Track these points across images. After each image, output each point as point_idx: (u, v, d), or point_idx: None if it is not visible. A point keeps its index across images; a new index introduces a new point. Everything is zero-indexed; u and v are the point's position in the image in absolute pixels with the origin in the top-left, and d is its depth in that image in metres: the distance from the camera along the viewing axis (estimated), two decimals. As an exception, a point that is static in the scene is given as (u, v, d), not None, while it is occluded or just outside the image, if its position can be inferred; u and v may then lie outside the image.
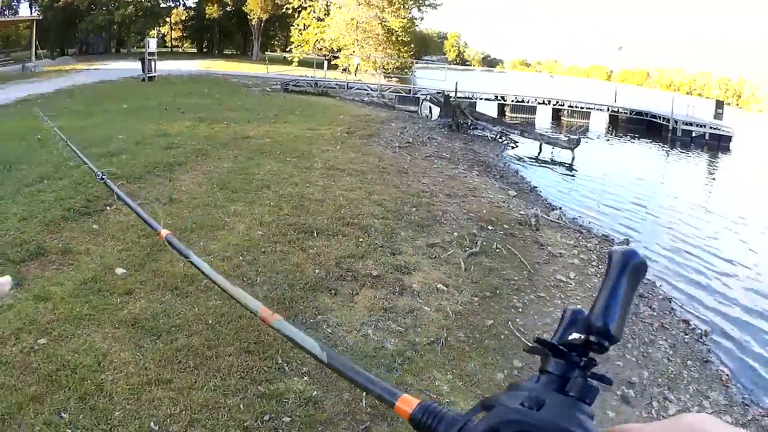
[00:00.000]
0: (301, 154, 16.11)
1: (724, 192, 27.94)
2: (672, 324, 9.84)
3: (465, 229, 11.29)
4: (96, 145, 14.66)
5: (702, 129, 44.68)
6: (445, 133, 27.66)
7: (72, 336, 5.84)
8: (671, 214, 19.88)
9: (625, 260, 0.85)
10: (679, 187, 26.59)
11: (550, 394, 0.75)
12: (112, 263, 7.60)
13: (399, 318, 7.20)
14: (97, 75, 41.39)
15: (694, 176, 32.07)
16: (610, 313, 0.81)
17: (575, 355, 0.81)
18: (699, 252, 15.78)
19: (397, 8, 67.67)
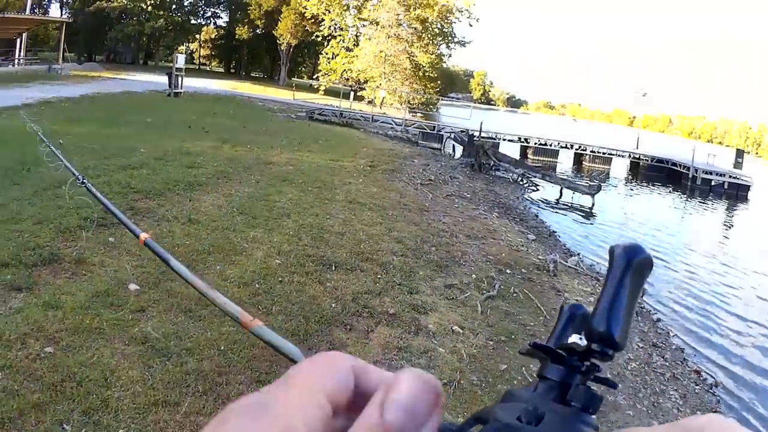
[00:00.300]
0: (323, 184, 16.10)
1: (740, 243, 27.82)
2: (684, 374, 9.80)
3: (483, 272, 11.24)
4: (117, 156, 14.70)
5: (721, 178, 44.68)
6: (467, 172, 27.62)
7: (80, 348, 5.78)
8: (687, 265, 19.77)
9: (628, 257, 0.70)
10: (696, 237, 26.47)
11: (550, 404, 0.66)
12: (126, 278, 7.54)
13: (413, 358, 7.14)
14: (123, 85, 41.82)
15: (711, 226, 31.99)
16: (614, 318, 0.69)
17: (576, 359, 0.71)
18: (713, 303, 15.75)
19: (426, 43, 68.03)
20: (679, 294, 15.93)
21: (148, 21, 77.90)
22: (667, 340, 11.55)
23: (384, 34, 65.40)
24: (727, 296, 16.68)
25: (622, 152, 49.86)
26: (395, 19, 65.38)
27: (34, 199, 10.32)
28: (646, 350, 10.04)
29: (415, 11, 65.55)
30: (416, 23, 66.36)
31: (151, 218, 10.23)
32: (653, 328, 11.81)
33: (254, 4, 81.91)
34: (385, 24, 65.44)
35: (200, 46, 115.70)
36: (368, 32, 68.98)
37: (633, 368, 8.95)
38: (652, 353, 10.00)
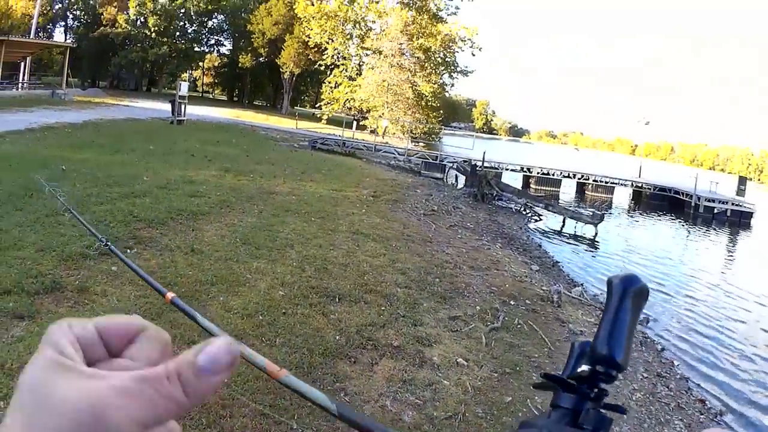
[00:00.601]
0: (326, 214, 16.10)
1: (743, 271, 27.85)
2: (688, 404, 9.80)
3: (487, 303, 11.22)
4: (120, 184, 14.72)
5: (724, 206, 44.92)
6: (470, 202, 27.67)
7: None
8: (691, 294, 19.79)
9: (625, 286, 0.82)
10: (699, 266, 26.43)
11: (564, 429, 0.74)
12: (128, 308, 7.53)
13: (418, 390, 7.12)
14: (126, 112, 42.07)
15: (714, 255, 32.08)
16: (615, 342, 0.79)
17: (585, 387, 0.79)
18: (717, 333, 15.78)
19: (429, 73, 68.33)
20: (682, 324, 15.93)
21: (152, 48, 78.52)
22: (672, 369, 11.55)
23: (387, 63, 65.68)
24: (730, 326, 16.70)
25: (625, 181, 50.06)
26: (398, 48, 65.68)
27: (37, 225, 10.33)
28: (650, 380, 10.02)
29: (418, 40, 65.87)
30: (419, 52, 66.67)
31: (154, 248, 10.22)
32: (657, 358, 11.79)
33: (258, 32, 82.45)
34: (388, 53, 65.74)
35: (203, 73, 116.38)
36: (371, 61, 69.35)
37: (638, 398, 8.93)
38: (656, 383, 9.99)
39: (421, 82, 66.52)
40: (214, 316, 7.75)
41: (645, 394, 9.25)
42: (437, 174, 40.16)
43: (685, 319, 16.51)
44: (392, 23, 67.42)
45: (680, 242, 34.49)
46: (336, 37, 70.47)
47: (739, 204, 45.84)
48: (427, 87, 66.92)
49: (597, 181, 48.72)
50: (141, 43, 79.05)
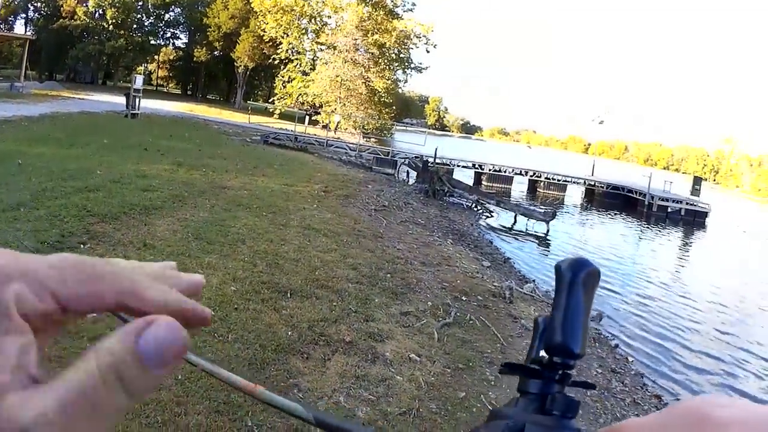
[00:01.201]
0: (277, 209, 16.01)
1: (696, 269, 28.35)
2: (644, 399, 9.91)
3: (439, 299, 11.23)
4: (74, 178, 14.49)
5: (678, 205, 45.59)
6: (421, 198, 27.70)
7: (42, 378, 5.64)
8: (644, 291, 20.10)
9: (575, 271, 0.75)
10: (652, 263, 26.82)
11: (531, 417, 0.70)
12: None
13: (371, 386, 7.10)
14: (82, 105, 41.64)
15: (667, 253, 32.52)
16: (569, 330, 0.73)
17: (549, 371, 0.74)
18: (671, 329, 16.08)
19: (383, 69, 68.36)
20: (636, 320, 16.13)
21: (109, 40, 78.05)
22: (626, 366, 11.66)
23: (341, 58, 65.67)
24: (683, 323, 16.98)
25: (578, 179, 50.56)
26: (353, 43, 65.70)
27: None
28: (605, 376, 10.10)
29: (373, 36, 65.88)
30: (374, 48, 66.71)
31: (108, 243, 10.09)
32: (611, 354, 11.90)
33: (214, 26, 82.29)
34: (342, 49, 65.69)
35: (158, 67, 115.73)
36: (325, 57, 69.22)
37: (593, 394, 8.97)
38: (611, 379, 10.08)
39: (375, 78, 66.59)
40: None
41: (600, 390, 9.31)
42: (389, 170, 40.15)
43: (638, 315, 16.71)
44: (348, 18, 67.42)
45: (633, 240, 34.86)
46: (291, 31, 70.27)
47: (693, 204, 46.60)
48: (381, 83, 67.01)
49: (549, 179, 49.12)
50: (98, 36, 78.60)
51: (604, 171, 66.82)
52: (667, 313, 17.62)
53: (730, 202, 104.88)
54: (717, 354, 14.55)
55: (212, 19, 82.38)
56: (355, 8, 67.10)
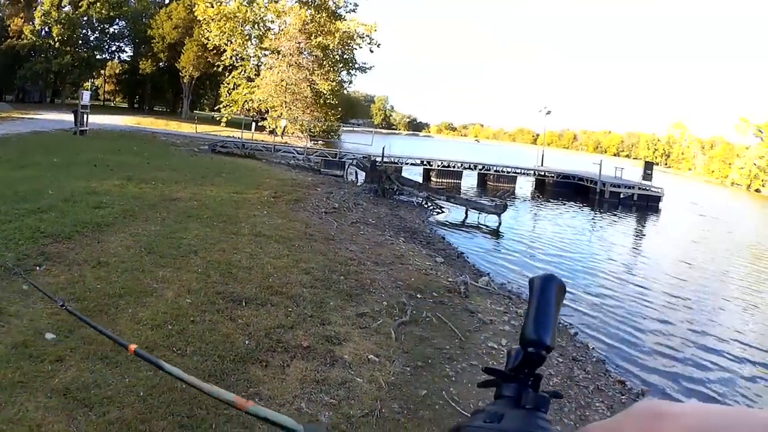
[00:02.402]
0: (228, 218, 15.97)
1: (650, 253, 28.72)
2: (608, 385, 10.02)
3: (394, 298, 11.28)
4: (26, 200, 14.32)
5: (630, 190, 46.26)
6: (370, 198, 27.79)
7: (5, 404, 5.62)
8: (599, 277, 20.31)
9: (545, 283, 0.92)
10: (606, 249, 27.18)
11: (509, 411, 0.82)
12: (42, 327, 7.36)
13: (332, 390, 7.12)
14: (32, 125, 41.30)
15: (621, 239, 32.79)
16: (541, 326, 0.88)
17: (523, 376, 0.87)
18: (629, 314, 16.27)
19: (327, 71, 68.31)
20: (594, 308, 16.32)
21: (56, 58, 77.17)
22: (587, 353, 11.80)
23: (285, 62, 65.48)
24: (641, 307, 17.21)
25: (527, 170, 50.97)
26: (296, 47, 65.55)
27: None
28: (566, 365, 10.19)
29: (317, 39, 65.83)
30: (317, 51, 66.65)
31: (62, 263, 10.01)
32: (571, 343, 12.01)
33: (158, 36, 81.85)
34: (287, 52, 65.55)
35: (105, 81, 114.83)
36: (269, 61, 69.01)
37: (555, 383, 9.08)
38: (573, 367, 10.17)
39: (319, 81, 66.46)
40: (124, 329, 7.67)
41: (562, 378, 9.41)
42: (337, 171, 40.24)
43: (596, 303, 16.87)
44: (291, 22, 67.28)
45: (586, 228, 35.16)
46: (235, 38, 69.98)
47: (646, 188, 47.26)
48: (325, 85, 66.87)
49: (498, 171, 49.48)
50: (45, 54, 77.63)
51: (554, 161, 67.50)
52: (624, 298, 17.82)
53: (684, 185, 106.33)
54: (676, 337, 14.72)
55: (156, 30, 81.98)
56: (297, 11, 66.98)
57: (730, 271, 25.16)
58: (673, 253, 28.66)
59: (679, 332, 14.97)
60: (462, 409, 7.37)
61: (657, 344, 13.80)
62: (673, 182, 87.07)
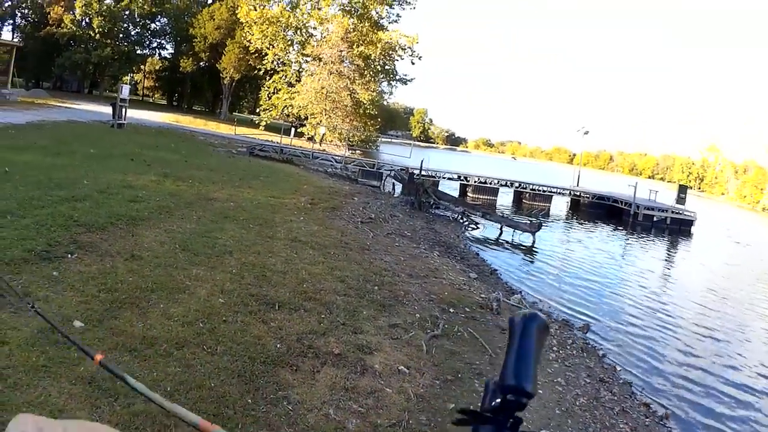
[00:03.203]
0: (264, 221, 15.99)
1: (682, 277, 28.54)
2: (633, 407, 10.01)
3: (427, 311, 11.24)
4: (60, 187, 14.41)
5: (663, 214, 45.98)
6: (407, 210, 27.76)
7: (28, 386, 5.62)
8: (630, 300, 20.26)
9: (526, 323, 0.87)
10: (638, 272, 27.00)
11: None
12: (70, 314, 7.37)
13: (360, 398, 7.09)
14: (69, 114, 41.62)
15: (653, 262, 32.61)
16: (521, 371, 0.83)
17: (501, 418, 0.83)
18: (657, 337, 16.26)
19: (368, 81, 68.32)
20: (624, 330, 16.26)
21: (95, 49, 77.48)
22: (614, 375, 11.77)
23: (326, 70, 65.56)
24: (670, 331, 17.14)
25: (563, 189, 50.87)
26: (338, 55, 65.62)
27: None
28: (593, 385, 10.13)
29: (358, 48, 65.91)
30: (359, 60, 66.71)
31: (95, 253, 10.03)
32: (599, 364, 11.96)
33: (200, 36, 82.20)
34: (328, 60, 65.62)
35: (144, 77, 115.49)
36: (311, 68, 69.17)
37: (581, 403, 9.01)
38: (599, 388, 10.12)
39: (360, 90, 66.50)
40: (154, 323, 7.66)
41: (588, 399, 9.35)
42: (374, 182, 40.27)
43: (625, 325, 16.83)
44: (333, 30, 67.40)
45: (619, 250, 35.05)
46: (277, 42, 70.25)
47: (678, 212, 47.07)
48: (366, 95, 66.93)
49: (534, 190, 49.38)
50: (85, 45, 78.03)
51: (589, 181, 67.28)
52: (654, 322, 17.72)
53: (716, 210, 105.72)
54: (704, 362, 14.64)
55: (198, 29, 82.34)
56: (340, 20, 67.10)
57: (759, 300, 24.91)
58: (702, 279, 28.48)
59: (705, 360, 14.86)
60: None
61: (683, 370, 13.72)
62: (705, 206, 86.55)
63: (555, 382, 9.55)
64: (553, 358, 10.81)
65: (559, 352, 11.23)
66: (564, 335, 12.84)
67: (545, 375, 9.72)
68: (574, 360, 11.19)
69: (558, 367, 10.33)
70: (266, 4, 71.64)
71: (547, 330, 0.89)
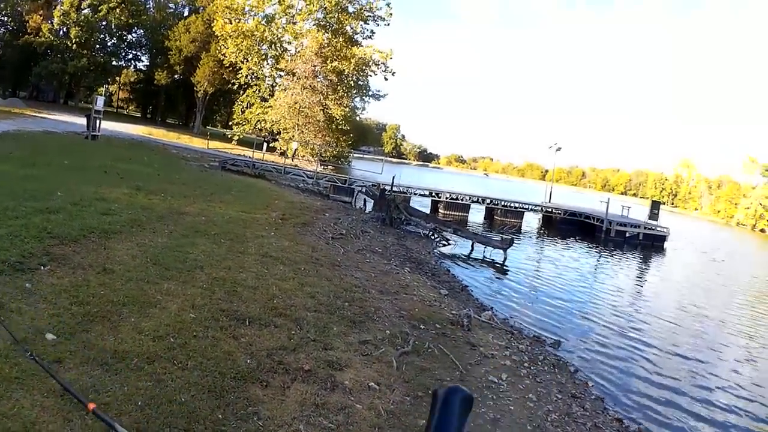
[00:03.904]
0: (235, 236, 15.98)
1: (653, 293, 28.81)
2: (605, 423, 10.03)
3: (397, 327, 11.28)
4: (35, 198, 14.39)
5: (636, 230, 46.58)
6: (378, 226, 27.81)
7: (0, 398, 5.62)
8: (601, 316, 20.33)
9: (448, 397, 0.88)
10: (609, 288, 27.17)
11: None
12: (42, 327, 7.35)
13: (331, 415, 7.10)
14: (44, 124, 41.88)
15: (625, 278, 32.86)
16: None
17: None
18: (629, 352, 16.37)
19: (341, 96, 68.55)
20: (594, 345, 16.35)
21: (72, 60, 77.32)
22: (586, 390, 11.81)
23: (300, 85, 65.67)
24: (641, 347, 17.22)
25: (534, 206, 51.18)
26: (312, 70, 65.76)
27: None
28: (565, 401, 10.17)
29: (332, 63, 66.11)
30: (332, 75, 66.94)
31: (67, 266, 10.00)
32: (571, 380, 12.01)
33: (175, 49, 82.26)
34: (302, 75, 65.74)
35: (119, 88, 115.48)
36: (284, 83, 69.31)
37: (553, 419, 9.05)
38: (571, 404, 10.16)
39: (333, 105, 66.71)
40: (125, 337, 7.64)
41: (560, 414, 9.38)
42: (346, 198, 40.46)
43: (597, 341, 16.91)
44: (307, 45, 67.59)
45: (591, 266, 35.10)
46: (251, 56, 70.55)
47: (651, 228, 47.51)
48: (338, 110, 67.13)
49: (506, 206, 49.59)
50: (62, 54, 77.94)
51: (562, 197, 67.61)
52: (626, 338, 17.81)
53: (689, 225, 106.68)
54: (676, 378, 14.72)
55: (174, 42, 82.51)
56: (315, 35, 67.33)
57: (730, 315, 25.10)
58: (674, 296, 28.63)
59: (676, 376, 14.92)
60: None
61: (655, 386, 13.78)
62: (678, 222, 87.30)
63: (526, 398, 9.59)
64: (525, 374, 10.85)
65: (530, 368, 11.27)
66: (535, 351, 12.88)
67: (516, 391, 9.77)
68: (545, 376, 11.23)
69: (529, 383, 10.37)
70: (242, 17, 71.85)
71: (471, 403, 0.89)
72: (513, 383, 10.10)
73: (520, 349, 12.49)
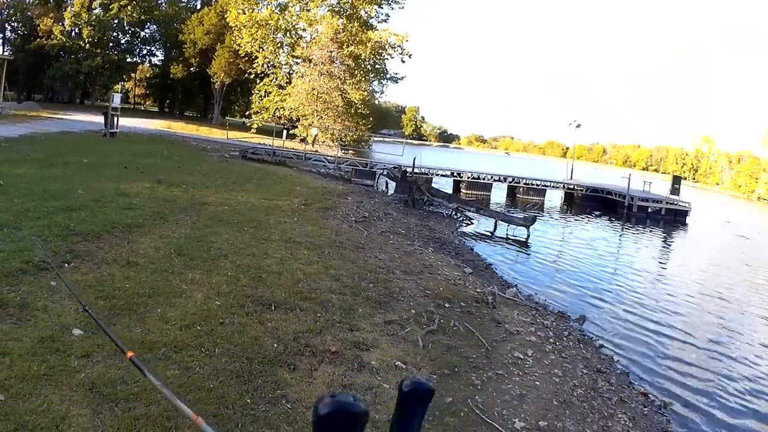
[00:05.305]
0: (258, 224, 16.02)
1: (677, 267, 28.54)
2: (631, 397, 9.97)
3: (422, 307, 11.30)
4: (55, 198, 14.48)
5: (658, 205, 45.99)
6: (400, 208, 27.78)
7: (30, 395, 5.65)
8: (626, 291, 20.21)
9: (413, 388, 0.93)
10: (633, 263, 26.99)
11: None
12: (69, 323, 7.40)
13: (358, 395, 7.04)
14: (61, 125, 41.59)
15: (649, 252, 32.75)
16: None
17: None
18: (654, 327, 16.17)
19: (359, 80, 68.31)
20: (620, 320, 16.25)
21: (86, 59, 77.21)
22: (612, 365, 11.75)
23: (316, 71, 65.56)
24: (667, 320, 17.09)
25: (556, 183, 50.81)
26: (328, 56, 65.61)
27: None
28: (590, 376, 10.13)
29: (348, 48, 65.97)
30: (349, 60, 66.77)
31: (91, 261, 10.07)
32: (596, 355, 11.94)
33: (189, 42, 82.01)
34: (318, 61, 65.61)
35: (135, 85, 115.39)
36: (301, 70, 69.24)
37: (579, 394, 9.03)
38: (597, 379, 10.12)
39: (351, 90, 66.54)
40: (152, 328, 7.70)
41: (586, 389, 9.36)
42: (367, 181, 40.28)
43: (622, 316, 16.82)
44: (323, 31, 67.39)
45: (614, 242, 35.02)
46: (266, 45, 70.34)
47: (673, 203, 47.03)
48: (357, 94, 66.97)
49: (528, 184, 49.34)
50: (75, 55, 77.73)
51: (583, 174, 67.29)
52: (650, 312, 17.69)
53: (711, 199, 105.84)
54: (702, 352, 14.61)
55: (187, 35, 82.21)
56: (329, 21, 67.15)
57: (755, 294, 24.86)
58: (698, 270, 28.34)
59: (703, 350, 14.80)
60: (487, 417, 7.40)
61: (680, 360, 13.66)
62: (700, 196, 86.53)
63: (552, 373, 9.58)
64: (550, 350, 10.83)
65: (555, 344, 11.25)
66: (560, 327, 12.85)
67: (542, 367, 9.77)
68: (570, 351, 11.21)
69: (555, 359, 10.35)
70: (255, 7, 71.73)
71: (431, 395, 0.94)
72: (539, 359, 10.09)
73: (545, 325, 12.47)
